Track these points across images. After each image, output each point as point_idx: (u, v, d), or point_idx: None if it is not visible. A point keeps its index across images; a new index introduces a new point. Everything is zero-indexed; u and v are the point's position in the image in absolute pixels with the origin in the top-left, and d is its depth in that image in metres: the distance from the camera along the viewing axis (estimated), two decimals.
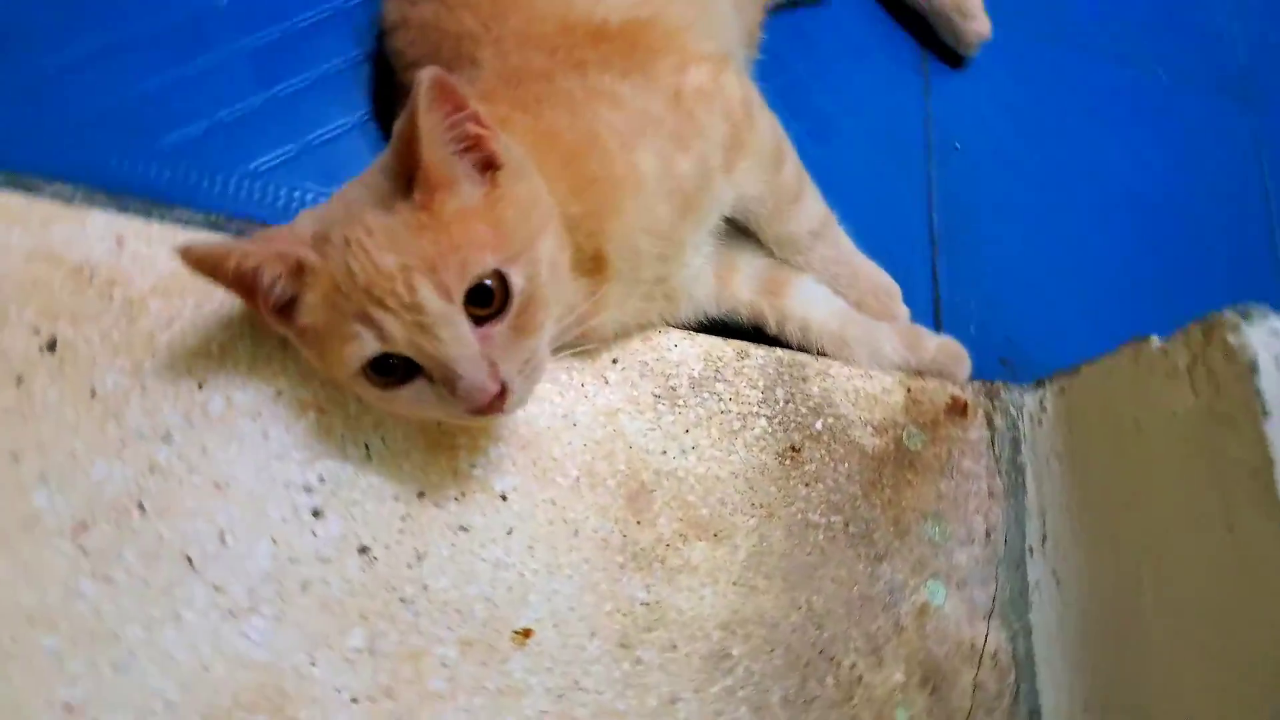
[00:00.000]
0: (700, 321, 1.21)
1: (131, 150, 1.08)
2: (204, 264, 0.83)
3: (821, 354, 1.24)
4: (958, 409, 1.27)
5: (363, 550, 0.95)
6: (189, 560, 0.89)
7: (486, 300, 0.85)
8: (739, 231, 1.25)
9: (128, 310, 0.94)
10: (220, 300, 0.98)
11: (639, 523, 1.05)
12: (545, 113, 1.02)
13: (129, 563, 0.88)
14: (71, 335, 0.92)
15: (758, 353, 1.19)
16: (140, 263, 0.96)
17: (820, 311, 1.25)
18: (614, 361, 1.12)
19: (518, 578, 0.99)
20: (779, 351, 1.21)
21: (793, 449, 1.15)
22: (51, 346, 0.91)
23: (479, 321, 0.85)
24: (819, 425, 1.18)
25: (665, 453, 1.09)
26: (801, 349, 1.24)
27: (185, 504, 0.91)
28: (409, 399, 0.88)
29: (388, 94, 1.22)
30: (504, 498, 1.01)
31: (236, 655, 0.88)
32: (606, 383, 1.10)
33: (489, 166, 0.88)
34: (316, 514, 0.94)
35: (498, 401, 0.85)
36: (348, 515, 0.95)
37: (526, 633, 0.97)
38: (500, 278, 0.85)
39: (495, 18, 1.08)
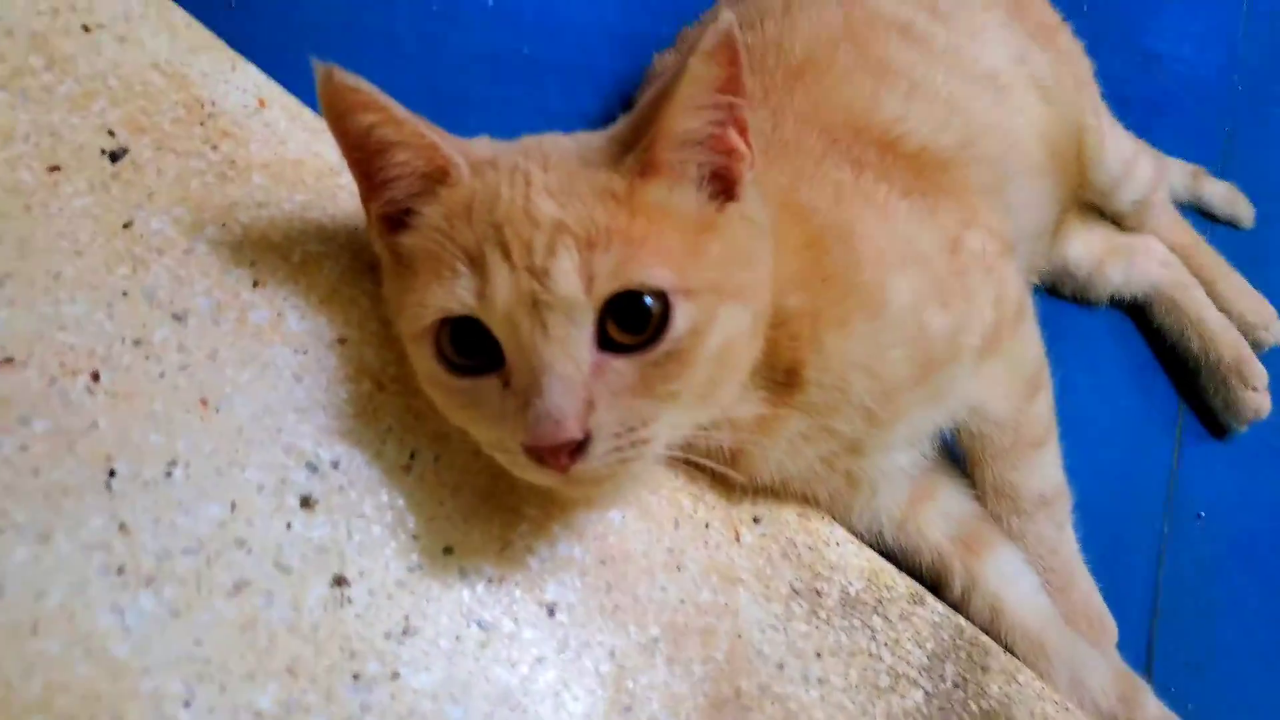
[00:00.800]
0: (870, 541, 0.92)
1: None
2: (342, 99, 0.63)
3: (1008, 649, 0.91)
4: None
5: (338, 581, 0.64)
6: (110, 473, 0.61)
7: (634, 324, 0.62)
8: (952, 463, 0.98)
9: (226, 168, 0.74)
10: (332, 214, 0.77)
11: None
12: (803, 187, 0.83)
13: (32, 434, 0.60)
14: (146, 158, 0.72)
15: (935, 606, 0.88)
16: (270, 133, 0.78)
17: (1019, 596, 0.94)
18: (755, 520, 0.83)
19: None
20: (961, 620, 0.89)
21: None
22: (115, 157, 0.71)
23: (607, 345, 0.62)
24: None
25: (783, 668, 0.76)
26: (984, 632, 0.91)
27: (150, 403, 0.64)
28: (467, 395, 0.65)
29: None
30: (551, 612, 0.70)
31: (88, 635, 0.57)
32: (737, 539, 0.81)
33: (721, 193, 0.68)
34: (306, 503, 0.65)
35: (566, 452, 0.60)
36: (343, 526, 0.66)
37: None
38: (664, 305, 0.62)
39: (781, 89, 0.93)
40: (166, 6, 0.78)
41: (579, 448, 0.60)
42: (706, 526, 0.80)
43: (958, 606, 0.92)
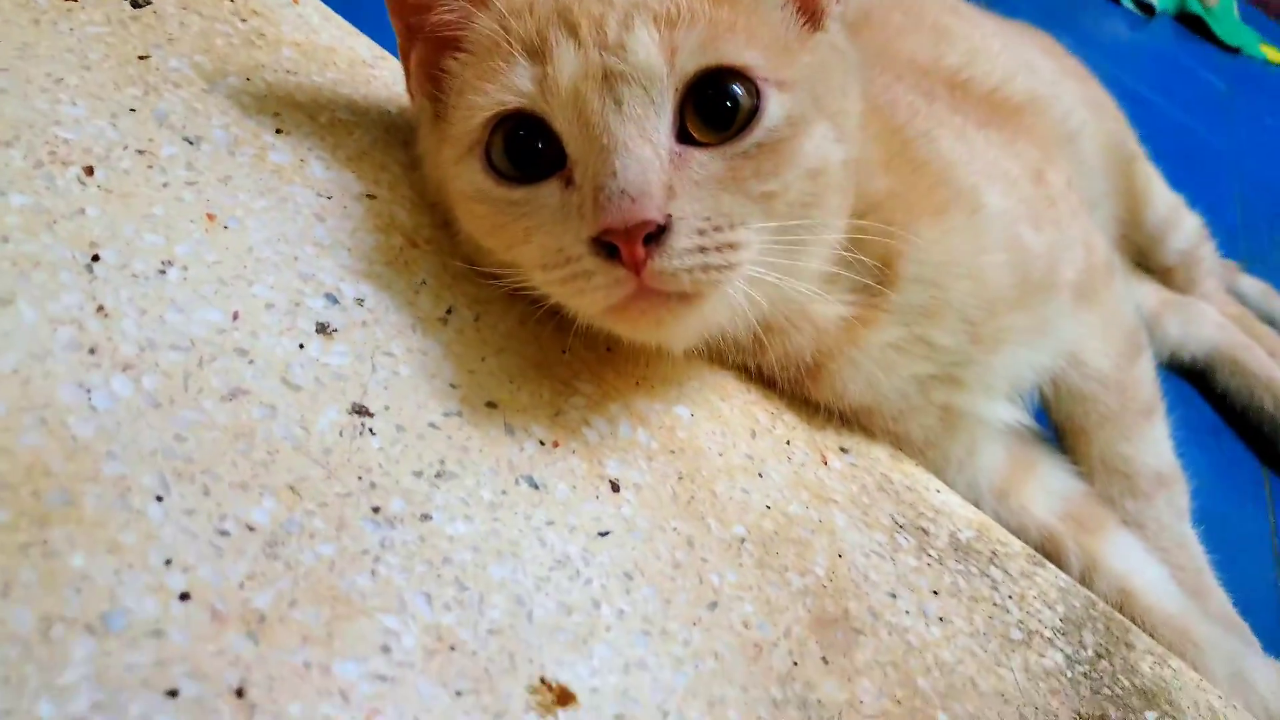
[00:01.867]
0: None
1: None
2: None
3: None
4: None
5: (358, 410, 0.53)
6: (93, 258, 0.51)
7: (720, 117, 0.55)
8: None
9: (254, 37, 0.69)
10: (364, 94, 0.71)
11: (826, 661, 0.56)
12: (877, 87, 0.78)
13: (6, 205, 0.51)
14: (169, 12, 0.67)
15: (1059, 573, 0.74)
16: (302, 21, 0.74)
17: (1150, 582, 0.81)
18: (843, 450, 0.71)
19: (588, 603, 0.51)
20: (1090, 592, 0.75)
21: None
22: (137, 4, 0.66)
23: (687, 138, 0.55)
24: (1151, 717, 0.67)
25: (895, 597, 0.62)
26: None
27: (149, 207, 0.55)
28: (520, 207, 0.56)
29: None
30: (615, 487, 0.57)
31: (43, 405, 0.45)
32: (824, 463, 0.69)
33: (807, 23, 0.64)
34: (323, 330, 0.55)
35: (641, 240, 0.51)
36: (366, 359, 0.55)
37: (563, 696, 0.47)
38: (754, 99, 0.55)
39: None
40: None
41: (657, 238, 0.51)
42: (788, 443, 0.68)
43: None
